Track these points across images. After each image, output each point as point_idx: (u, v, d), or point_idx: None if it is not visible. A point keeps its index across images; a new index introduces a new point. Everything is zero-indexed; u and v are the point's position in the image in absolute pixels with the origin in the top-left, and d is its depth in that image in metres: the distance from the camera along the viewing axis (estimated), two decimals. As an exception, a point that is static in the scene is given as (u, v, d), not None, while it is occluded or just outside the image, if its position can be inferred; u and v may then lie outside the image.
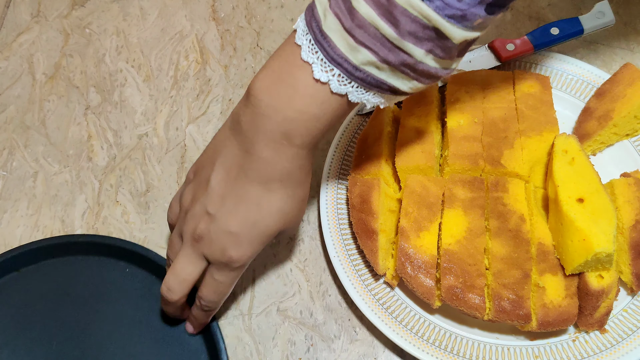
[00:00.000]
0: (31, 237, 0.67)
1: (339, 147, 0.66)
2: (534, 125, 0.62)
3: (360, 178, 0.61)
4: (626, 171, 0.63)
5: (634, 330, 0.55)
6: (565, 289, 0.54)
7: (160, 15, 0.81)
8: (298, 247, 0.65)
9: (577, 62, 0.69)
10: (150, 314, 0.60)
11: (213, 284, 0.53)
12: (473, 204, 0.58)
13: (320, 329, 0.60)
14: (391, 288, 0.59)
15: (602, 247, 0.51)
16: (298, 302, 0.62)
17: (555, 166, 0.57)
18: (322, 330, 0.60)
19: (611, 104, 0.63)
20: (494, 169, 0.60)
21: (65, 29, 0.81)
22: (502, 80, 0.66)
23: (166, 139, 0.72)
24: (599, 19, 0.67)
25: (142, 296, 0.61)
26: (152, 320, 0.60)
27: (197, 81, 0.76)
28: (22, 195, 0.69)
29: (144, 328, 0.59)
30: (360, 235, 0.58)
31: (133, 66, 0.77)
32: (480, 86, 0.65)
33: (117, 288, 0.62)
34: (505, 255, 0.55)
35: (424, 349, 0.55)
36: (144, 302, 0.61)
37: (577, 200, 0.54)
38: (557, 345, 0.56)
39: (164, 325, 0.60)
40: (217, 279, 0.52)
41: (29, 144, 0.72)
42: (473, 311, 0.54)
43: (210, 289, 0.53)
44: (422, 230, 0.57)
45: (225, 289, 0.54)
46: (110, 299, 0.61)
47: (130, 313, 0.60)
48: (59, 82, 0.77)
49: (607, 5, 0.67)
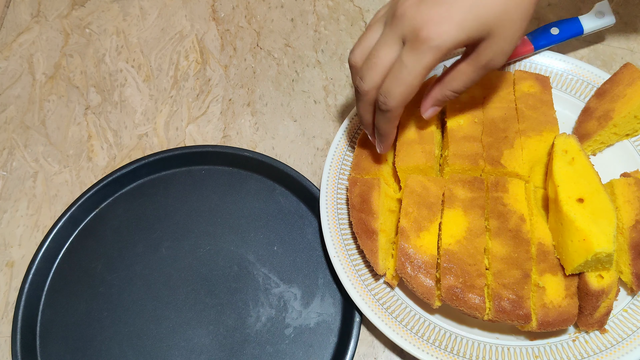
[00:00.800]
0: (31, 237, 0.67)
1: (339, 147, 0.66)
2: (534, 125, 0.62)
3: (360, 178, 0.61)
4: (626, 171, 0.63)
5: (634, 330, 0.55)
6: (565, 289, 0.54)
7: (160, 15, 0.81)
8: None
9: (577, 62, 0.68)
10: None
11: (398, 69, 0.46)
12: (473, 204, 0.58)
13: (320, 329, 0.60)
14: (391, 288, 0.59)
15: (602, 247, 0.51)
16: (298, 302, 0.62)
17: (555, 166, 0.57)
18: (322, 330, 0.60)
19: (611, 104, 0.63)
20: (494, 169, 0.60)
21: (65, 29, 0.81)
22: (502, 80, 0.66)
23: (166, 139, 0.72)
24: (599, 19, 0.67)
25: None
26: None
27: (197, 81, 0.76)
28: (22, 195, 0.69)
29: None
30: (360, 235, 0.58)
31: (133, 66, 0.77)
32: (480, 86, 0.65)
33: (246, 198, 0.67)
34: (505, 255, 0.55)
35: (424, 348, 0.55)
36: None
37: (577, 200, 0.54)
38: (557, 345, 0.56)
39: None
40: (404, 61, 0.45)
41: (29, 144, 0.72)
42: (473, 311, 0.54)
43: (393, 76, 0.47)
44: (422, 230, 0.57)
45: (409, 77, 0.46)
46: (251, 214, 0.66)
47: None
48: (59, 82, 0.77)
49: (607, 5, 0.67)
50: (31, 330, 0.61)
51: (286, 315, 0.61)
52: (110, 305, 0.62)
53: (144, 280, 0.63)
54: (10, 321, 0.62)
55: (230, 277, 0.63)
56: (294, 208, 0.66)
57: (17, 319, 0.60)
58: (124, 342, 0.60)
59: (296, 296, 0.62)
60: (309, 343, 0.59)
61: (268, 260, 0.64)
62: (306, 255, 0.64)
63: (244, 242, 0.64)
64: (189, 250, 0.64)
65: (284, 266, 0.63)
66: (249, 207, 0.66)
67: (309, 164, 0.70)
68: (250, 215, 0.66)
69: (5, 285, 0.64)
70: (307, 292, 0.62)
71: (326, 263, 0.63)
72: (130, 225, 0.66)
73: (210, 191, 0.67)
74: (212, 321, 0.61)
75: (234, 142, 0.71)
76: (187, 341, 0.60)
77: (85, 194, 0.66)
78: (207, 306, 0.62)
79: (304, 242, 0.65)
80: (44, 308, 0.62)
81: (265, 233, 0.65)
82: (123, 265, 0.64)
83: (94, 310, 0.62)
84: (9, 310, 0.63)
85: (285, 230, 0.65)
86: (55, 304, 0.62)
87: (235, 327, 0.61)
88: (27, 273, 0.62)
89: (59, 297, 0.63)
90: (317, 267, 0.63)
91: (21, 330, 0.60)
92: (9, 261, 0.65)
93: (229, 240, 0.65)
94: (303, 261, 0.64)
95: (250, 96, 0.74)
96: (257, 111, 0.73)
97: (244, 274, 0.63)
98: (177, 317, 0.61)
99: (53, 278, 0.64)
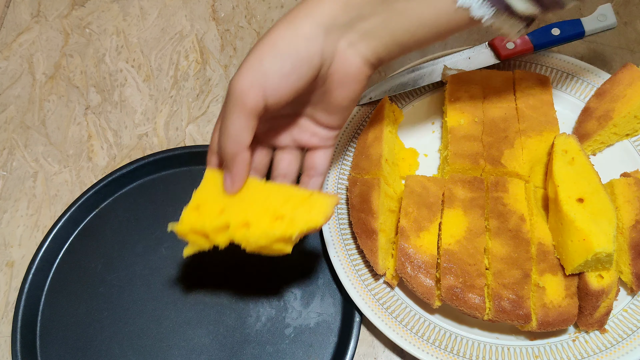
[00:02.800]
0: (31, 237, 0.67)
1: (339, 147, 0.65)
2: (534, 125, 0.62)
3: (360, 178, 0.61)
4: (626, 171, 0.63)
5: (634, 330, 0.55)
6: (565, 289, 0.54)
7: (160, 15, 0.81)
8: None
9: (577, 62, 0.68)
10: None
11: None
12: (473, 204, 0.58)
13: (320, 329, 0.60)
14: (391, 288, 0.59)
15: (602, 247, 0.51)
16: (298, 302, 0.62)
17: (555, 166, 0.57)
18: (322, 330, 0.60)
19: (611, 104, 0.63)
20: (494, 168, 0.60)
21: (65, 29, 0.80)
22: (502, 80, 0.66)
23: (166, 139, 0.72)
24: (601, 21, 0.67)
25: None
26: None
27: (197, 81, 0.76)
28: (22, 195, 0.69)
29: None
30: (360, 235, 0.58)
31: (133, 66, 0.77)
32: (480, 86, 0.65)
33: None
34: (505, 255, 0.55)
35: (423, 348, 0.55)
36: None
37: (577, 200, 0.54)
38: (557, 345, 0.56)
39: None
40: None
41: (29, 144, 0.72)
42: (473, 311, 0.54)
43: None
44: (422, 230, 0.57)
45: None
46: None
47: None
48: (59, 82, 0.77)
49: (610, 8, 0.67)
50: (31, 330, 0.61)
51: (286, 315, 0.61)
52: (110, 305, 0.62)
53: (144, 280, 0.63)
54: (10, 321, 0.62)
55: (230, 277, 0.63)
56: None
57: (17, 319, 0.60)
58: (124, 342, 0.60)
59: (296, 296, 0.62)
60: (309, 343, 0.59)
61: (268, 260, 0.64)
62: (306, 255, 0.64)
63: None
64: (189, 250, 0.64)
65: (284, 266, 0.63)
66: None
67: (309, 164, 0.69)
68: None
69: (5, 285, 0.64)
70: (307, 292, 0.62)
71: (326, 263, 0.63)
72: (130, 225, 0.66)
73: None
74: (212, 321, 0.61)
75: (234, 142, 0.71)
76: (187, 341, 0.60)
77: (85, 194, 0.66)
78: (207, 306, 0.62)
79: (304, 242, 0.64)
80: (44, 308, 0.62)
81: None
82: (123, 265, 0.64)
83: (94, 310, 0.62)
84: (9, 310, 0.63)
85: None
86: (55, 304, 0.62)
87: (235, 327, 0.61)
88: (27, 273, 0.62)
89: (59, 297, 0.63)
90: (317, 267, 0.63)
91: (21, 330, 0.60)
92: (9, 261, 0.65)
93: None
94: (303, 261, 0.64)
95: (250, 96, 0.74)
96: (257, 111, 0.73)
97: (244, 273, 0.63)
98: (177, 317, 0.61)
99: (53, 278, 0.64)
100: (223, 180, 0.50)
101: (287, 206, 0.48)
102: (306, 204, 0.48)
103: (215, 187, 0.50)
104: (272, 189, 0.50)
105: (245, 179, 0.49)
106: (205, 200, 0.50)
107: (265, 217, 0.48)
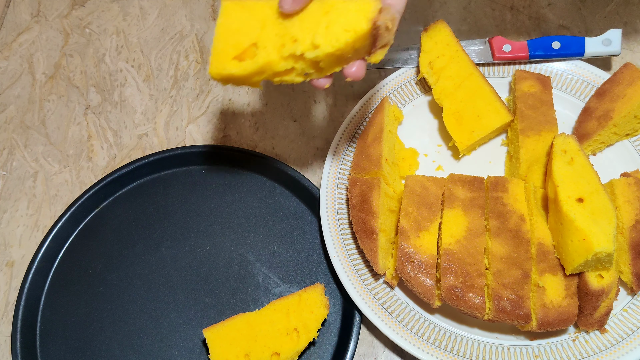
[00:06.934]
0: (31, 236, 0.67)
1: (339, 147, 0.65)
2: (533, 124, 0.62)
3: (360, 178, 0.61)
4: (626, 171, 0.63)
5: (634, 330, 0.55)
6: (565, 288, 0.54)
7: (160, 15, 0.81)
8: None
9: (577, 62, 0.68)
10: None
11: None
12: (473, 204, 0.58)
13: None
14: (391, 288, 0.59)
15: (602, 247, 0.51)
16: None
17: (555, 166, 0.57)
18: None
19: (611, 104, 0.63)
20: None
21: (65, 28, 0.80)
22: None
23: (166, 139, 0.72)
24: (605, 46, 0.66)
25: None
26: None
27: (197, 81, 0.76)
28: (22, 195, 0.69)
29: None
30: (360, 235, 0.58)
31: (133, 66, 0.77)
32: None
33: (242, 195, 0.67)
34: (505, 255, 0.55)
35: (424, 348, 0.55)
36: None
37: (577, 200, 0.54)
38: (557, 345, 0.56)
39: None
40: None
41: (29, 144, 0.72)
42: (473, 311, 0.54)
43: None
44: (422, 230, 0.57)
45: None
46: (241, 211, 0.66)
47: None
48: (59, 82, 0.77)
49: (619, 35, 0.65)
50: (31, 330, 0.61)
51: (286, 315, 0.61)
52: (110, 305, 0.62)
53: (144, 280, 0.63)
54: (10, 321, 0.62)
55: (230, 277, 0.63)
56: (294, 208, 0.66)
57: (17, 319, 0.60)
58: (124, 342, 0.60)
59: (296, 296, 0.62)
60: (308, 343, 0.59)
61: (268, 260, 0.64)
62: (306, 255, 0.64)
63: (244, 241, 0.64)
64: (189, 250, 0.64)
65: (284, 266, 0.63)
66: (248, 207, 0.66)
67: (309, 164, 0.69)
68: (250, 215, 0.66)
69: (5, 285, 0.64)
70: (307, 292, 0.62)
71: (326, 263, 0.63)
72: (130, 225, 0.66)
73: (210, 191, 0.67)
74: (212, 321, 0.61)
75: (234, 142, 0.71)
76: (187, 341, 0.60)
77: (85, 194, 0.66)
78: (207, 306, 0.62)
79: (304, 242, 0.65)
80: (44, 308, 0.62)
81: (265, 233, 0.65)
82: (123, 265, 0.64)
83: (94, 310, 0.62)
84: (9, 310, 0.63)
85: (285, 230, 0.65)
86: (55, 304, 0.62)
87: (235, 327, 0.61)
88: (27, 273, 0.62)
89: (59, 297, 0.63)
90: (317, 267, 0.63)
91: (21, 330, 0.60)
92: (9, 261, 0.66)
93: (229, 240, 0.65)
94: (303, 261, 0.64)
95: (250, 96, 0.74)
96: (257, 111, 0.73)
97: (244, 273, 0.63)
98: (177, 317, 0.61)
99: (53, 278, 0.64)
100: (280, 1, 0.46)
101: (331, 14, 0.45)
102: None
103: (238, 21, 0.47)
104: (305, 12, 0.47)
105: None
106: (234, 32, 0.47)
107: (317, 27, 0.45)
